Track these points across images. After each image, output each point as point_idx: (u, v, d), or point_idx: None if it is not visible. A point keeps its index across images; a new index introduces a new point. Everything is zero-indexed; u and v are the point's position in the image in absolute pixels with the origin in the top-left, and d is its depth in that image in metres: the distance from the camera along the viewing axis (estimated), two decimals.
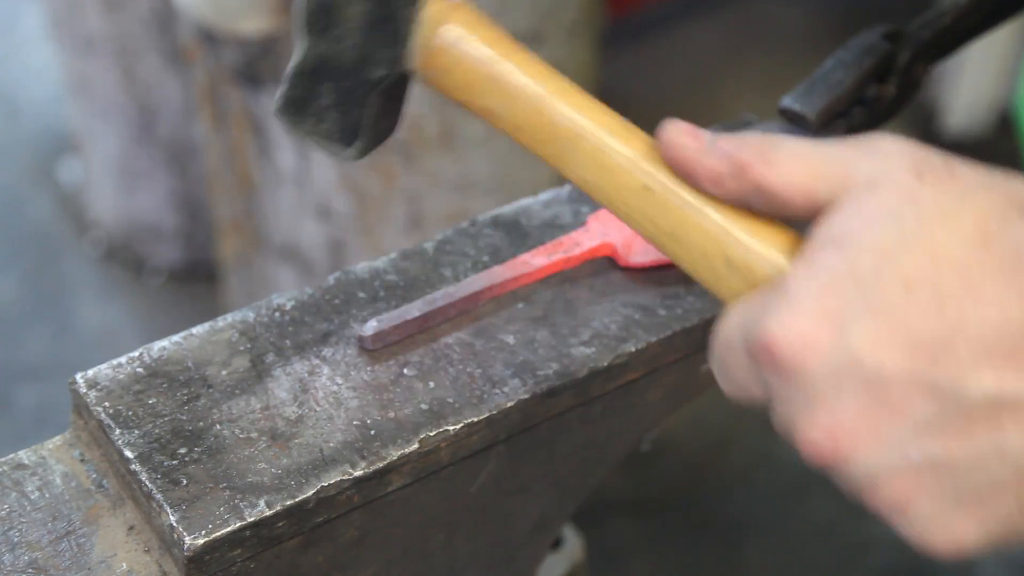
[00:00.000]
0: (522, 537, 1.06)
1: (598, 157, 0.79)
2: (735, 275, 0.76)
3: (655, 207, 0.78)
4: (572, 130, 0.80)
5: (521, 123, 0.82)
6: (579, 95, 0.82)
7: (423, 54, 0.84)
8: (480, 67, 0.83)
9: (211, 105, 2.16)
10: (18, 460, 0.93)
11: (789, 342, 0.69)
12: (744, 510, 2.41)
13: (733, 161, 0.75)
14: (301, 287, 1.01)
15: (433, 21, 0.84)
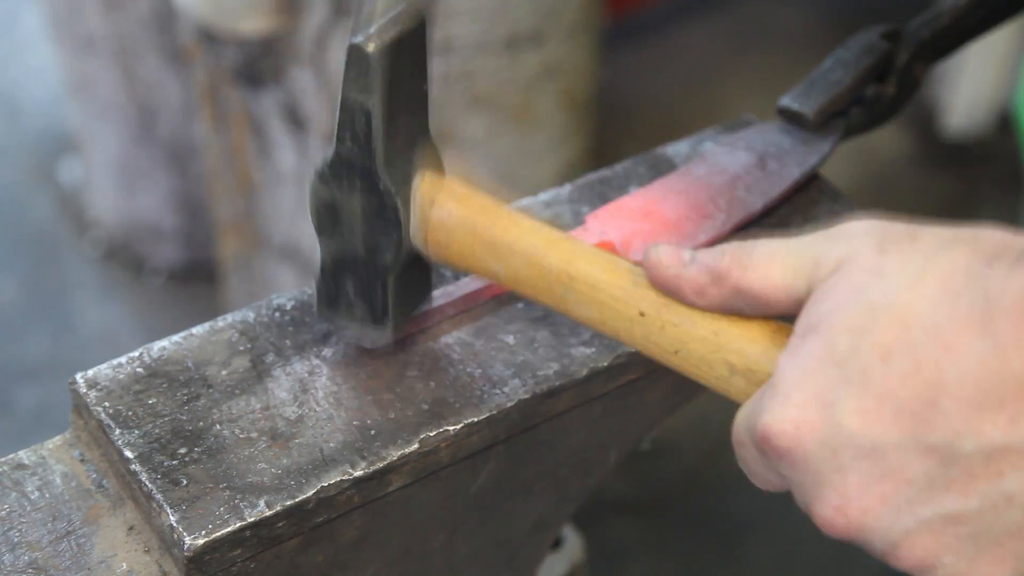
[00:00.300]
0: (522, 537, 1.06)
1: (593, 294, 0.85)
2: (739, 378, 0.81)
3: (653, 330, 0.83)
4: (566, 275, 0.86)
5: (519, 277, 0.88)
6: (567, 242, 0.87)
7: (421, 232, 0.91)
8: (472, 235, 0.89)
9: (211, 105, 2.16)
10: (18, 460, 0.93)
11: (783, 430, 0.73)
12: (744, 510, 2.41)
13: (712, 271, 0.80)
14: (301, 287, 1.01)
15: (424, 201, 0.91)
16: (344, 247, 0.93)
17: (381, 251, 0.92)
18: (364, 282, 0.94)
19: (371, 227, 0.92)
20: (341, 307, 0.95)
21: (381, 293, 0.93)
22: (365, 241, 0.92)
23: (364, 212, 0.91)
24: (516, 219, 0.89)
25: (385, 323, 0.94)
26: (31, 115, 3.19)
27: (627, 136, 2.89)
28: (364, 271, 0.93)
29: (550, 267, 0.87)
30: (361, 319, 0.95)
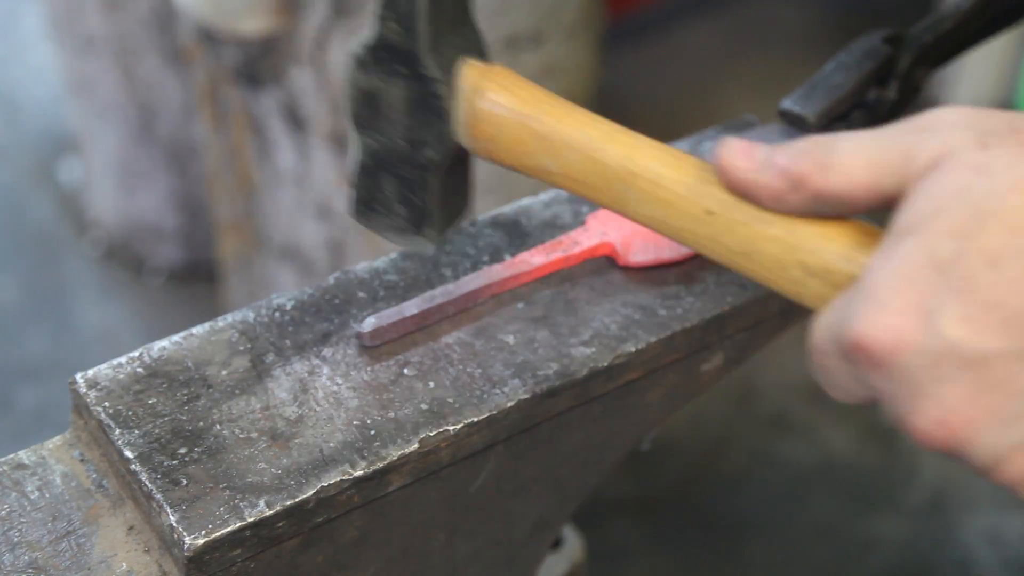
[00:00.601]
0: (522, 537, 1.06)
1: (656, 192, 0.79)
2: (815, 280, 0.76)
3: (721, 230, 0.78)
4: (626, 171, 0.80)
5: (575, 175, 0.82)
6: (626, 136, 0.82)
7: (468, 125, 0.85)
8: (524, 128, 0.83)
9: (211, 105, 2.16)
10: (18, 460, 0.93)
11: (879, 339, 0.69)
12: (744, 510, 2.41)
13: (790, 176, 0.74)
14: (301, 287, 1.01)
15: (471, 91, 0.84)
16: (384, 142, 0.87)
17: (425, 145, 0.86)
18: (405, 182, 0.88)
19: (414, 118, 0.85)
20: (378, 212, 0.90)
21: (424, 194, 0.87)
22: (407, 135, 0.86)
23: (406, 102, 0.85)
24: (572, 111, 0.83)
25: (428, 228, 0.89)
26: (31, 115, 3.19)
27: None
28: (406, 169, 0.87)
29: (609, 162, 0.81)
30: (401, 224, 0.90)
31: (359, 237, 2.09)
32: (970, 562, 2.33)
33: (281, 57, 1.98)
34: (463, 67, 0.85)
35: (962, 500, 2.42)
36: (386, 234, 0.91)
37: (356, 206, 0.90)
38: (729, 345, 1.06)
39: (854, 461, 2.48)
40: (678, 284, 1.03)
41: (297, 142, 2.04)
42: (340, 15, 1.90)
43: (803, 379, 2.62)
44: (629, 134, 0.82)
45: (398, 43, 0.83)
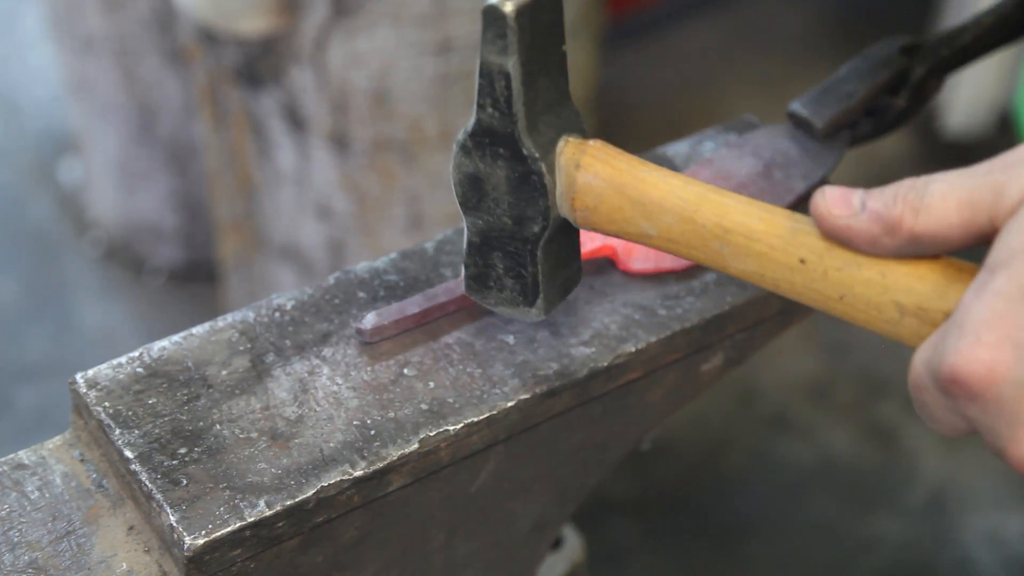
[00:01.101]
0: (522, 537, 1.06)
1: (750, 246, 0.83)
2: (910, 319, 0.79)
3: (815, 277, 0.81)
4: (720, 228, 0.84)
5: (673, 236, 0.86)
6: (718, 195, 0.85)
7: (569, 199, 0.89)
8: (621, 196, 0.87)
9: (211, 105, 2.16)
10: (18, 460, 0.93)
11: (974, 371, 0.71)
12: (744, 510, 2.41)
13: (884, 221, 0.77)
14: (301, 287, 1.01)
15: (569, 165, 0.89)
16: (490, 221, 0.92)
17: (528, 221, 0.90)
18: (513, 257, 0.92)
19: (516, 197, 0.90)
20: (491, 286, 0.94)
21: (531, 266, 0.92)
22: (511, 212, 0.90)
23: (508, 181, 0.90)
24: (664, 176, 0.87)
25: (537, 299, 0.93)
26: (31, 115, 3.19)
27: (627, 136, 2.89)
28: (512, 244, 0.92)
29: (703, 222, 0.84)
30: (511, 297, 0.94)
31: (359, 237, 2.09)
32: (970, 562, 2.33)
33: (281, 57, 1.97)
34: (561, 144, 0.89)
35: (962, 500, 2.42)
36: (499, 308, 0.95)
37: (469, 282, 0.95)
38: (729, 345, 1.06)
39: (854, 461, 2.48)
40: (678, 284, 1.03)
41: (297, 142, 2.04)
42: (340, 15, 1.90)
43: (803, 379, 2.62)
44: (721, 193, 0.85)
45: (497, 127, 0.89)
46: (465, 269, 0.95)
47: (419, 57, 1.91)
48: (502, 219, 0.91)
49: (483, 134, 0.89)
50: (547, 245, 0.92)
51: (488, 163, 0.90)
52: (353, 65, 1.92)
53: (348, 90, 1.95)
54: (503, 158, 0.89)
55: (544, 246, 0.91)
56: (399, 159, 2.00)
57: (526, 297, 0.93)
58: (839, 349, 2.69)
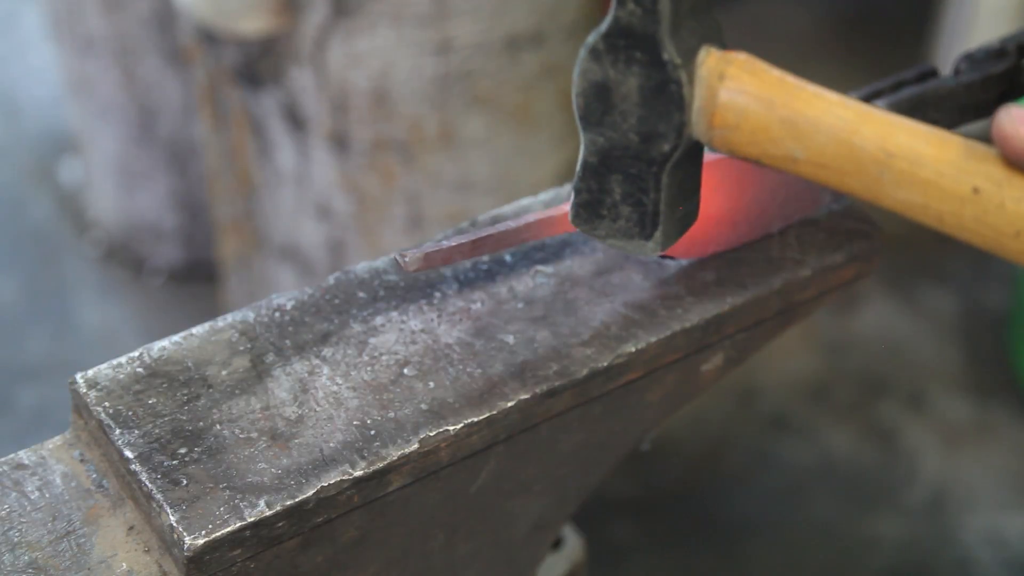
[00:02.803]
0: (522, 537, 1.06)
1: (916, 172, 0.75)
2: None
3: (990, 209, 0.74)
4: (882, 152, 0.76)
5: (824, 160, 0.78)
6: (881, 115, 0.78)
7: (707, 115, 0.81)
8: (768, 114, 0.79)
9: (211, 105, 2.16)
10: (18, 460, 0.93)
11: None
12: (744, 510, 2.41)
13: None
14: (301, 287, 1.01)
15: (712, 77, 0.81)
16: (614, 137, 0.83)
17: (658, 138, 0.82)
18: (634, 180, 0.83)
19: (648, 110, 0.81)
20: (604, 214, 0.86)
21: (653, 192, 0.83)
22: (640, 127, 0.82)
23: (641, 91, 0.81)
24: (820, 93, 0.79)
25: (656, 230, 0.85)
26: (31, 115, 3.19)
27: None
28: (635, 165, 0.83)
29: (863, 144, 0.76)
30: (626, 228, 0.86)
31: (359, 237, 2.09)
32: (970, 562, 2.33)
33: (281, 57, 1.98)
34: (703, 54, 0.81)
35: (962, 500, 2.42)
36: (610, 240, 0.87)
37: (578, 210, 0.87)
38: (729, 345, 1.06)
39: (854, 461, 2.48)
40: (678, 284, 1.03)
41: (297, 142, 2.04)
42: (340, 15, 1.90)
43: (803, 379, 2.62)
44: (884, 113, 0.78)
45: (637, 27, 0.79)
46: (575, 195, 0.86)
47: (419, 57, 1.91)
48: (628, 135, 0.82)
49: (620, 35, 0.80)
50: (674, 169, 0.83)
51: (621, 69, 0.80)
52: (353, 65, 1.92)
53: (348, 90, 1.95)
54: (639, 63, 0.80)
55: (671, 169, 0.83)
56: (399, 159, 2.00)
57: (643, 228, 0.85)
58: (839, 349, 2.69)
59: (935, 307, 2.75)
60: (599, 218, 0.87)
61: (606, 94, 0.82)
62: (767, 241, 1.07)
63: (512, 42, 1.94)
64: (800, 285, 1.05)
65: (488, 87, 1.96)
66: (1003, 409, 2.57)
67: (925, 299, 2.76)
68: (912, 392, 2.60)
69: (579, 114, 0.84)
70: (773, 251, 1.06)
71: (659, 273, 1.04)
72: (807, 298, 1.07)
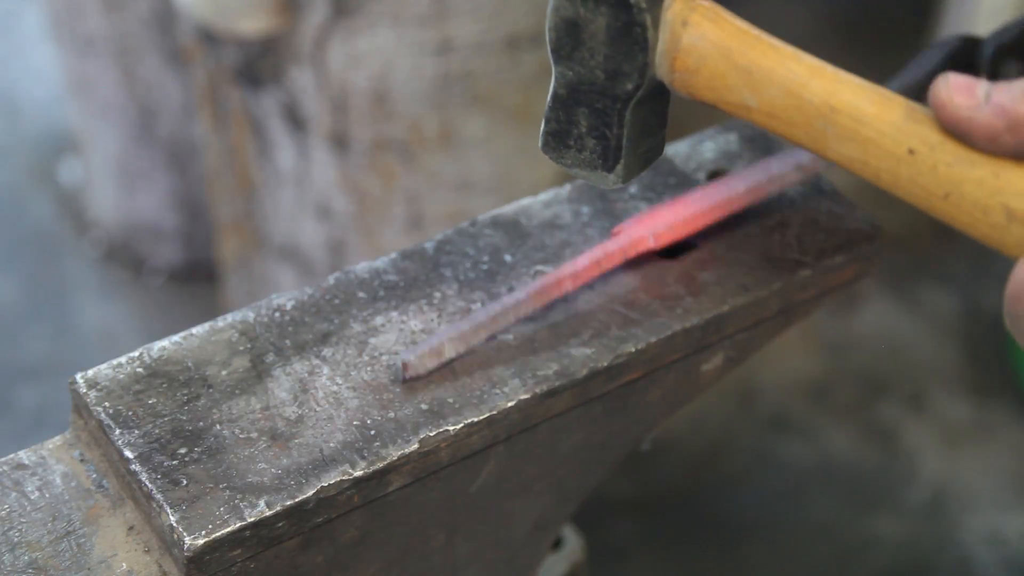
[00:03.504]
0: (522, 537, 1.06)
1: (858, 129, 0.78)
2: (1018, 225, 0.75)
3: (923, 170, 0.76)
4: (828, 107, 0.79)
5: (775, 111, 0.82)
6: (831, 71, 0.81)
7: (669, 58, 0.85)
8: (726, 61, 0.83)
9: (211, 105, 2.16)
10: (18, 460, 0.93)
11: None
12: (744, 510, 2.41)
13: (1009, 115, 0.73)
14: (301, 287, 1.01)
15: (675, 22, 0.84)
16: (581, 72, 0.87)
17: (622, 76, 0.86)
18: (599, 114, 0.87)
19: (614, 49, 0.85)
20: (571, 145, 0.90)
21: (616, 127, 0.87)
22: (606, 65, 0.86)
23: (608, 31, 0.85)
24: (776, 46, 0.83)
25: (617, 164, 0.89)
26: (31, 115, 3.19)
27: None
28: (600, 100, 0.87)
29: (811, 97, 0.80)
30: (590, 159, 0.90)
31: (359, 237, 2.09)
32: (970, 562, 2.33)
33: (281, 57, 1.98)
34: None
35: (962, 500, 2.42)
36: (574, 169, 0.91)
37: (547, 138, 0.91)
38: (729, 345, 1.05)
39: (854, 461, 2.48)
40: (678, 284, 1.03)
41: (297, 142, 2.04)
42: (340, 15, 1.90)
43: (803, 379, 2.62)
44: (834, 70, 0.81)
45: None
46: (545, 124, 0.90)
47: (419, 57, 1.91)
48: (595, 72, 0.86)
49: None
50: (637, 106, 0.87)
51: (591, 8, 0.85)
52: (353, 65, 1.92)
53: (348, 90, 1.95)
54: (607, 4, 0.84)
55: (634, 107, 0.87)
56: (399, 159, 2.00)
57: (606, 161, 0.89)
58: (839, 349, 2.69)
59: (935, 307, 2.75)
60: (566, 148, 0.90)
61: (576, 31, 0.86)
62: (767, 241, 1.06)
63: (512, 42, 1.94)
64: (800, 285, 1.05)
65: (488, 87, 1.96)
66: (1003, 409, 2.57)
67: (925, 299, 2.76)
68: (912, 392, 2.60)
69: (550, 47, 0.87)
70: (773, 251, 1.06)
71: (659, 273, 1.04)
72: (807, 298, 1.07)
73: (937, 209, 0.77)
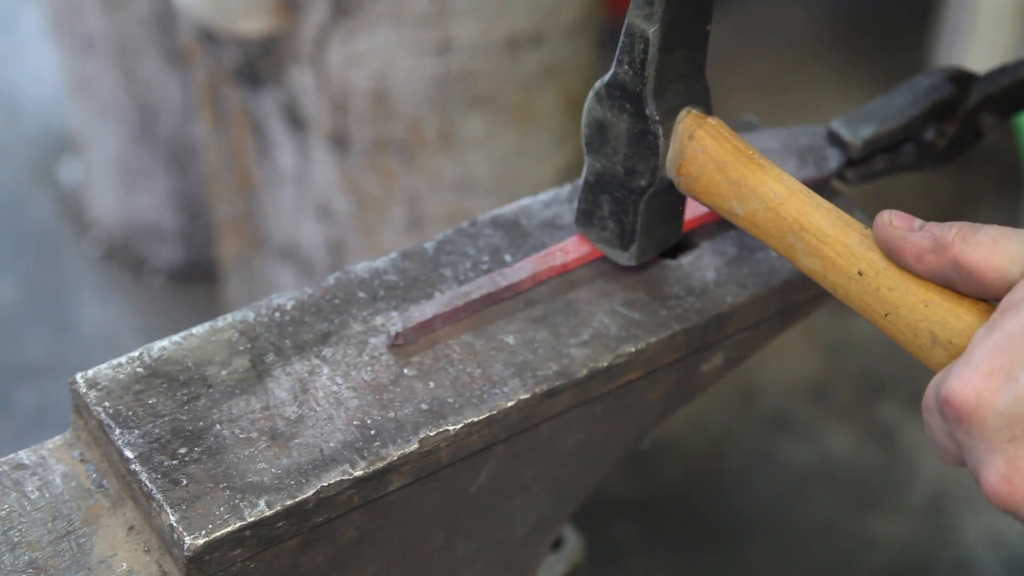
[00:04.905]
0: (522, 537, 1.06)
1: (819, 247, 0.90)
2: (939, 349, 0.85)
3: (868, 290, 0.88)
4: (797, 225, 0.91)
5: (757, 220, 0.93)
6: (806, 196, 0.92)
7: (676, 164, 0.97)
8: (720, 174, 0.95)
9: (211, 105, 2.16)
10: (18, 460, 0.93)
11: (964, 396, 0.77)
12: (744, 510, 2.41)
13: (936, 239, 0.84)
14: (301, 287, 1.01)
15: (684, 135, 0.96)
16: (606, 165, 1.00)
17: (638, 174, 0.98)
18: (618, 202, 1.00)
19: (632, 150, 0.98)
20: (595, 223, 1.02)
21: (632, 215, 1.00)
22: (625, 163, 0.99)
23: (628, 135, 0.98)
24: (764, 167, 0.94)
25: (631, 245, 1.01)
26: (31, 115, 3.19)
27: None
28: (620, 191, 1.00)
29: (785, 215, 0.92)
30: (609, 239, 1.02)
31: (359, 237, 2.09)
32: (970, 562, 2.33)
33: (281, 57, 1.98)
34: (683, 114, 0.97)
35: (962, 500, 2.42)
36: (599, 244, 1.03)
37: (578, 215, 1.03)
38: (729, 345, 1.06)
39: (854, 461, 2.48)
40: (678, 284, 1.03)
41: (297, 142, 2.04)
42: (340, 15, 1.90)
43: (803, 379, 2.62)
44: (810, 195, 0.93)
45: (629, 84, 0.96)
46: (578, 203, 1.03)
47: (419, 57, 1.91)
48: (616, 166, 0.99)
49: (616, 87, 0.97)
50: (650, 200, 0.99)
51: (615, 114, 0.98)
52: (353, 65, 1.92)
53: (348, 90, 1.95)
54: (628, 113, 0.97)
55: (647, 200, 0.99)
56: (399, 159, 2.00)
57: (622, 241, 1.01)
58: (839, 349, 2.69)
59: None
60: (592, 225, 1.03)
61: (603, 130, 0.99)
62: None
63: (512, 42, 1.94)
64: (800, 285, 1.05)
65: (488, 87, 1.96)
66: None
67: None
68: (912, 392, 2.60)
69: (584, 140, 1.01)
70: (773, 251, 1.06)
71: (659, 273, 1.04)
72: (807, 298, 1.07)
73: (879, 324, 0.88)
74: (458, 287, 1.00)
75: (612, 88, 0.97)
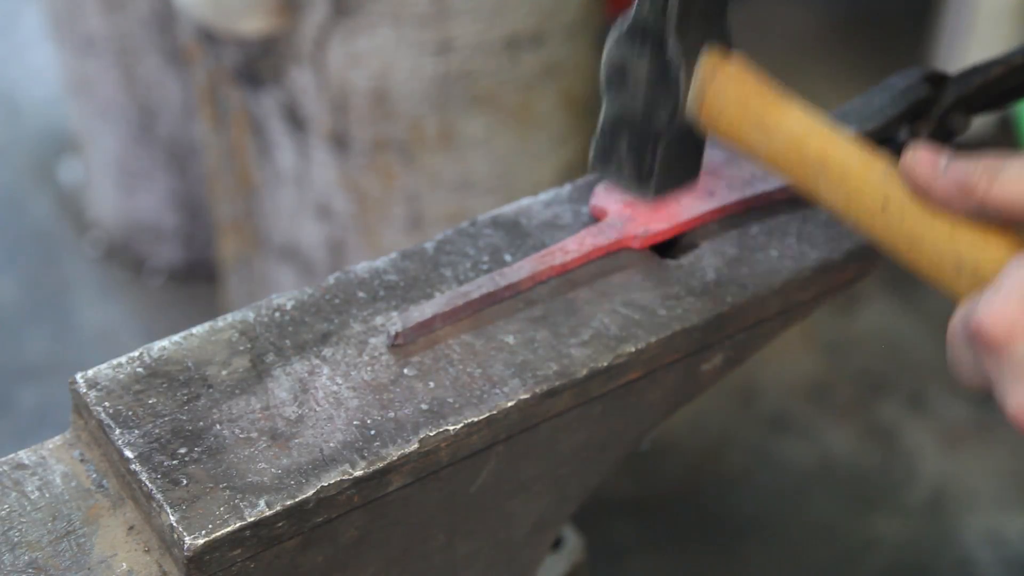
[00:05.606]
0: (522, 537, 1.06)
1: (842, 183, 0.91)
2: (966, 277, 0.86)
3: (892, 223, 0.89)
4: (820, 160, 0.92)
5: (779, 158, 0.94)
6: (828, 131, 0.93)
7: (698, 103, 0.98)
8: (743, 113, 0.96)
9: (211, 105, 2.16)
10: (18, 460, 0.93)
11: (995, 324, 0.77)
12: (744, 510, 2.41)
13: (961, 184, 0.84)
14: (301, 287, 1.01)
15: (706, 75, 0.97)
16: (625, 107, 1.00)
17: (658, 115, 0.99)
18: (637, 142, 1.01)
19: (653, 91, 0.99)
20: (612, 163, 1.03)
21: (651, 154, 1.01)
22: (645, 104, 0.99)
23: (648, 76, 0.98)
24: (786, 104, 0.95)
25: (649, 182, 1.02)
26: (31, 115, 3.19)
27: None
28: (639, 131, 1.00)
29: (808, 151, 0.92)
30: (628, 176, 1.03)
31: (359, 237, 2.09)
32: (970, 562, 2.33)
33: (281, 57, 1.98)
34: (704, 54, 0.97)
35: (962, 500, 2.42)
36: (615, 182, 1.04)
37: (595, 155, 1.04)
38: (729, 345, 1.06)
39: (854, 461, 2.49)
40: (678, 284, 1.03)
41: (297, 142, 2.04)
42: (340, 15, 1.90)
43: (803, 379, 2.62)
44: (832, 131, 0.93)
45: (650, 26, 0.97)
46: (593, 146, 1.03)
47: (419, 57, 1.91)
48: (635, 109, 1.00)
49: (636, 30, 0.98)
50: (671, 139, 1.00)
51: (635, 56, 0.98)
52: (353, 65, 1.93)
53: (348, 90, 1.95)
54: (649, 53, 0.97)
55: (668, 139, 1.00)
56: (399, 159, 2.00)
57: (639, 178, 1.02)
58: (839, 349, 2.69)
59: (935, 307, 2.75)
60: (608, 164, 1.03)
61: (623, 73, 0.99)
62: (767, 240, 1.07)
63: (512, 42, 1.94)
64: (800, 285, 1.05)
65: (488, 87, 1.96)
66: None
67: (925, 299, 2.76)
68: (912, 392, 2.60)
69: (603, 82, 1.01)
70: (773, 251, 1.06)
71: (659, 273, 1.04)
72: (807, 298, 1.07)
73: (902, 256, 0.89)
74: (458, 287, 1.00)
75: (632, 28, 0.98)
